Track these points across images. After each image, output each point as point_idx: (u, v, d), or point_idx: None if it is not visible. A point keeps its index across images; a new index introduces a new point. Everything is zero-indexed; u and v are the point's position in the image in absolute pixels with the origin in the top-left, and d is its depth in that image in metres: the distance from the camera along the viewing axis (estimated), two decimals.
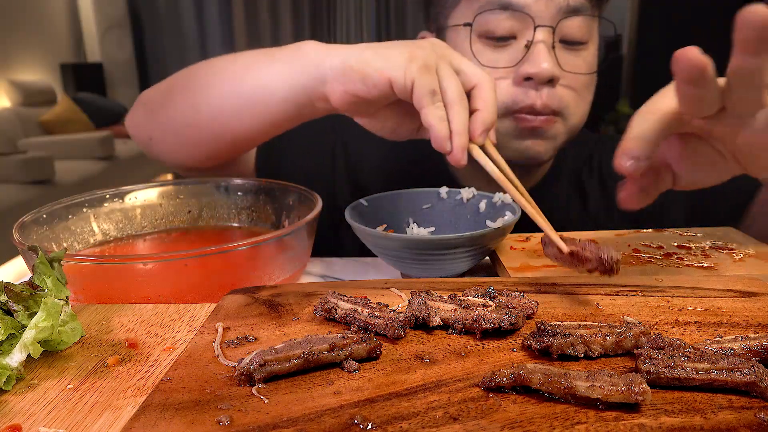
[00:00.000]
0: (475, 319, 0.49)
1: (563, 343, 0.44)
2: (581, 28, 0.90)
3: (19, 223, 0.74)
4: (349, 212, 0.78)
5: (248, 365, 0.43)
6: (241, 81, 0.84)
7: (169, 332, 0.56)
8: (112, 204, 0.89)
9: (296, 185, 0.88)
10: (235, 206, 0.94)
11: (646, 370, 0.40)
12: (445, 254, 0.70)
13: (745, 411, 0.37)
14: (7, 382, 0.46)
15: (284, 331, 0.52)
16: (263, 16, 5.80)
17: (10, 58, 5.21)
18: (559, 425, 0.36)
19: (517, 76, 0.89)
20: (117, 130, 5.48)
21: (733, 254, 0.72)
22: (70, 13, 6.00)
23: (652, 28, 4.38)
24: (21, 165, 4.11)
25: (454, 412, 0.38)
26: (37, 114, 5.26)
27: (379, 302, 0.54)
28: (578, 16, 0.88)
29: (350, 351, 0.45)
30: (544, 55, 0.86)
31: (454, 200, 0.86)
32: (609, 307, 0.54)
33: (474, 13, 0.90)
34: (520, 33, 0.88)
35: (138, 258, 0.72)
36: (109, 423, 0.42)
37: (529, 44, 0.87)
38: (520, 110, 0.90)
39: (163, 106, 0.93)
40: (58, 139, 5.10)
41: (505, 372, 0.40)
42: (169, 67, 5.98)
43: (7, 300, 0.51)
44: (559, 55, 0.89)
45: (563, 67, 0.89)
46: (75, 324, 0.53)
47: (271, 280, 0.72)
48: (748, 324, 0.50)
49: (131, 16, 6.08)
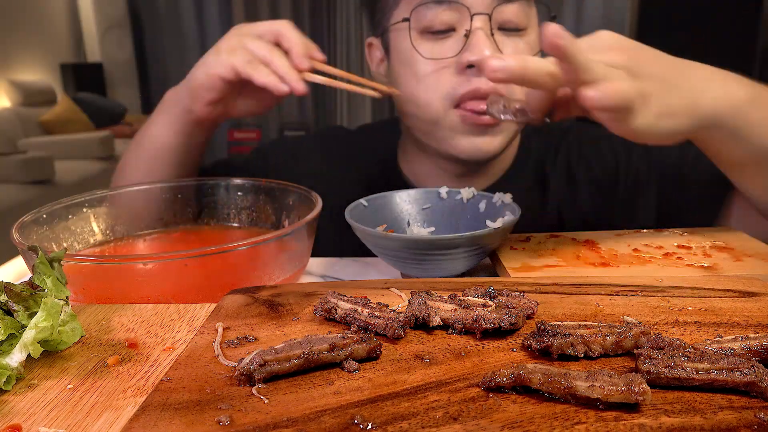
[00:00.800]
0: (475, 319, 0.49)
1: (563, 343, 0.44)
2: (518, 14, 0.91)
3: (19, 223, 0.74)
4: (349, 212, 0.78)
5: (248, 365, 0.43)
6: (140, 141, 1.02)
7: (169, 332, 0.56)
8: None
9: (296, 185, 0.88)
10: (235, 206, 0.94)
11: (646, 370, 0.40)
12: (445, 254, 0.70)
13: (745, 411, 0.37)
14: (7, 382, 0.46)
15: (284, 331, 0.52)
16: (263, 16, 5.80)
17: (10, 58, 5.21)
18: (559, 425, 0.36)
19: (459, 65, 0.89)
20: (117, 130, 5.48)
21: (733, 254, 0.72)
22: (70, 13, 6.00)
23: (652, 28, 4.38)
24: (21, 165, 4.12)
25: (454, 412, 0.38)
26: (37, 114, 5.26)
27: (379, 302, 0.54)
28: (514, 3, 0.90)
29: (350, 351, 0.45)
30: (483, 41, 0.87)
31: (454, 200, 0.86)
32: (609, 307, 0.54)
33: (409, 10, 0.91)
34: (458, 23, 0.90)
35: (138, 258, 0.72)
36: (109, 423, 0.42)
37: (468, 33, 0.88)
38: (465, 96, 0.89)
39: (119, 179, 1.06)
40: (58, 139, 5.10)
41: (505, 372, 0.40)
42: (169, 67, 6.02)
43: (7, 300, 0.51)
44: (499, 42, 0.90)
45: (504, 52, 0.90)
46: (75, 324, 0.53)
47: (271, 280, 0.72)
48: (748, 324, 0.50)
49: (131, 16, 6.08)
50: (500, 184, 1.05)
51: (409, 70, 0.93)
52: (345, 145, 1.20)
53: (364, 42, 1.08)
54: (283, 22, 0.86)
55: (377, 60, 1.05)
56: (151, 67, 6.15)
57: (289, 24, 0.86)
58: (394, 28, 0.95)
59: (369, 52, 1.07)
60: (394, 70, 0.99)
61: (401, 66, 0.95)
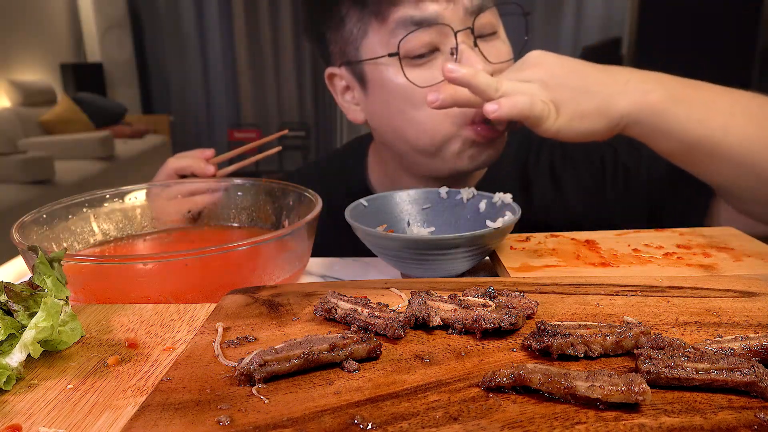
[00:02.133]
0: (475, 319, 0.49)
1: (563, 343, 0.44)
2: (491, 19, 0.92)
3: (19, 223, 0.74)
4: (349, 212, 0.78)
5: (248, 365, 0.43)
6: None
7: (169, 332, 0.56)
8: (112, 204, 0.89)
9: (296, 185, 0.88)
10: (235, 206, 0.94)
11: (646, 370, 0.40)
12: (445, 254, 0.70)
13: (745, 411, 0.37)
14: (7, 382, 0.46)
15: (284, 331, 0.52)
16: (263, 16, 5.80)
17: (10, 58, 5.21)
18: (559, 425, 0.36)
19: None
20: (117, 130, 5.48)
21: (733, 254, 0.72)
22: (70, 13, 6.00)
23: (653, 28, 4.38)
24: (21, 165, 4.11)
25: (454, 412, 0.38)
26: (37, 114, 5.25)
27: (379, 302, 0.54)
28: (487, 11, 0.91)
29: (350, 351, 0.45)
30: (472, 56, 0.88)
31: (454, 200, 0.86)
32: (609, 307, 0.54)
33: (387, 39, 0.90)
34: (442, 43, 0.90)
35: (138, 258, 0.72)
36: (109, 423, 0.42)
37: (454, 51, 0.89)
38: (476, 116, 0.90)
39: None
40: (58, 139, 5.09)
41: (505, 372, 0.40)
42: (169, 67, 6.02)
43: (7, 300, 0.51)
44: (483, 50, 0.91)
45: (491, 60, 0.91)
46: (75, 324, 0.53)
47: (271, 280, 0.72)
48: (748, 324, 0.50)
49: (131, 16, 6.08)
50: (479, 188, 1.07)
51: (402, 99, 0.92)
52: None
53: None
54: (168, 162, 0.98)
55: (341, 89, 1.03)
56: (151, 67, 6.15)
57: (173, 160, 0.99)
58: (373, 63, 0.93)
59: (330, 83, 1.05)
60: (375, 101, 0.97)
61: (390, 97, 0.94)
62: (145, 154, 5.57)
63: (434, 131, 0.92)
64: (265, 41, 5.87)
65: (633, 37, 4.60)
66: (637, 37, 4.54)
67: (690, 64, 4.07)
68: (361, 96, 1.00)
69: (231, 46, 5.89)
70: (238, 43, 5.87)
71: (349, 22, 0.94)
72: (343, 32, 0.96)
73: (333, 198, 0.90)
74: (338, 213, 0.78)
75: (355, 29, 0.94)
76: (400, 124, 0.95)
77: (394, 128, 0.97)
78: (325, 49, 1.03)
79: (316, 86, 5.89)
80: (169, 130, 6.10)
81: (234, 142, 5.85)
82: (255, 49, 5.90)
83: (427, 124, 0.92)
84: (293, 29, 5.77)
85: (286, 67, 5.95)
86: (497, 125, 0.90)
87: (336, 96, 1.05)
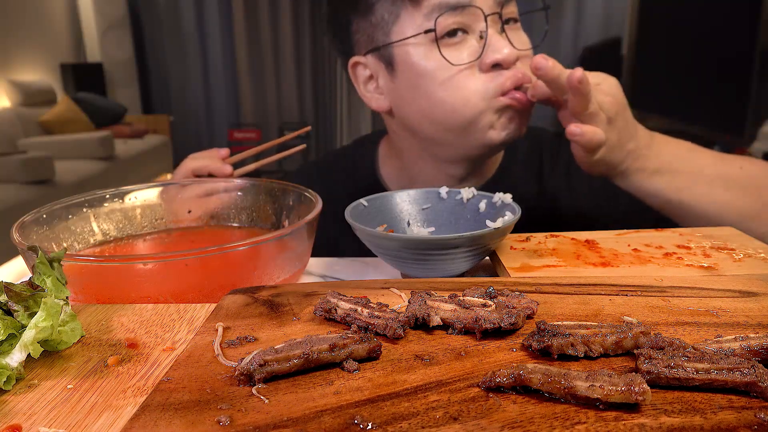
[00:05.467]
0: (475, 319, 0.49)
1: (563, 343, 0.44)
2: (514, 9, 0.98)
3: (19, 223, 0.74)
4: (350, 212, 0.78)
5: (248, 365, 0.43)
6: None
7: (169, 332, 0.56)
8: (112, 204, 0.89)
9: (296, 185, 0.88)
10: (235, 206, 0.94)
11: (646, 370, 0.40)
12: (445, 254, 0.70)
13: (745, 411, 0.37)
14: (7, 382, 0.46)
15: (284, 331, 0.52)
16: (263, 16, 5.80)
17: (10, 58, 5.21)
18: (559, 425, 0.36)
19: (483, 66, 0.93)
20: (117, 130, 5.48)
21: (733, 254, 0.72)
22: (70, 13, 5.99)
23: (652, 28, 4.38)
24: (21, 165, 4.11)
25: (454, 412, 0.38)
26: (37, 114, 5.25)
27: (379, 302, 0.54)
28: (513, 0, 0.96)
29: (350, 351, 0.45)
30: (501, 41, 0.93)
31: (454, 200, 0.86)
32: (609, 307, 0.54)
33: (420, 23, 0.93)
34: (470, 27, 0.93)
35: (138, 258, 0.72)
36: (109, 423, 0.42)
37: (483, 34, 0.92)
38: (511, 86, 0.93)
39: None
40: (58, 139, 5.09)
41: (505, 372, 0.40)
42: (169, 67, 6.02)
43: (7, 300, 0.51)
44: (509, 36, 0.95)
45: (516, 46, 0.95)
46: (75, 324, 0.53)
47: (271, 280, 0.72)
48: (748, 324, 0.50)
49: (131, 16, 6.08)
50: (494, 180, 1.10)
51: (430, 80, 0.95)
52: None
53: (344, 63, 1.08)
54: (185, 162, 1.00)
55: (364, 79, 1.05)
56: (151, 67, 6.15)
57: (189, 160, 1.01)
58: (403, 43, 0.96)
59: (354, 73, 1.06)
60: (402, 86, 0.99)
61: (418, 78, 0.96)
62: (145, 154, 5.57)
63: (465, 108, 0.95)
64: (265, 41, 5.87)
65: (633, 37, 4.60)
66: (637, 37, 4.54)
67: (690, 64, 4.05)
68: (386, 82, 1.02)
69: (231, 46, 5.89)
70: (238, 43, 5.87)
71: (381, 8, 0.97)
72: (372, 18, 0.99)
73: (334, 197, 0.91)
74: (340, 212, 0.78)
75: (387, 14, 0.97)
76: (429, 106, 0.97)
77: (422, 110, 0.99)
78: (347, 40, 1.05)
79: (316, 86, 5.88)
80: (169, 130, 6.10)
81: (234, 141, 5.85)
82: (255, 49, 5.90)
83: (456, 102, 0.95)
84: (293, 29, 5.76)
85: (286, 67, 5.94)
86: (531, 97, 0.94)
87: (358, 86, 1.07)
